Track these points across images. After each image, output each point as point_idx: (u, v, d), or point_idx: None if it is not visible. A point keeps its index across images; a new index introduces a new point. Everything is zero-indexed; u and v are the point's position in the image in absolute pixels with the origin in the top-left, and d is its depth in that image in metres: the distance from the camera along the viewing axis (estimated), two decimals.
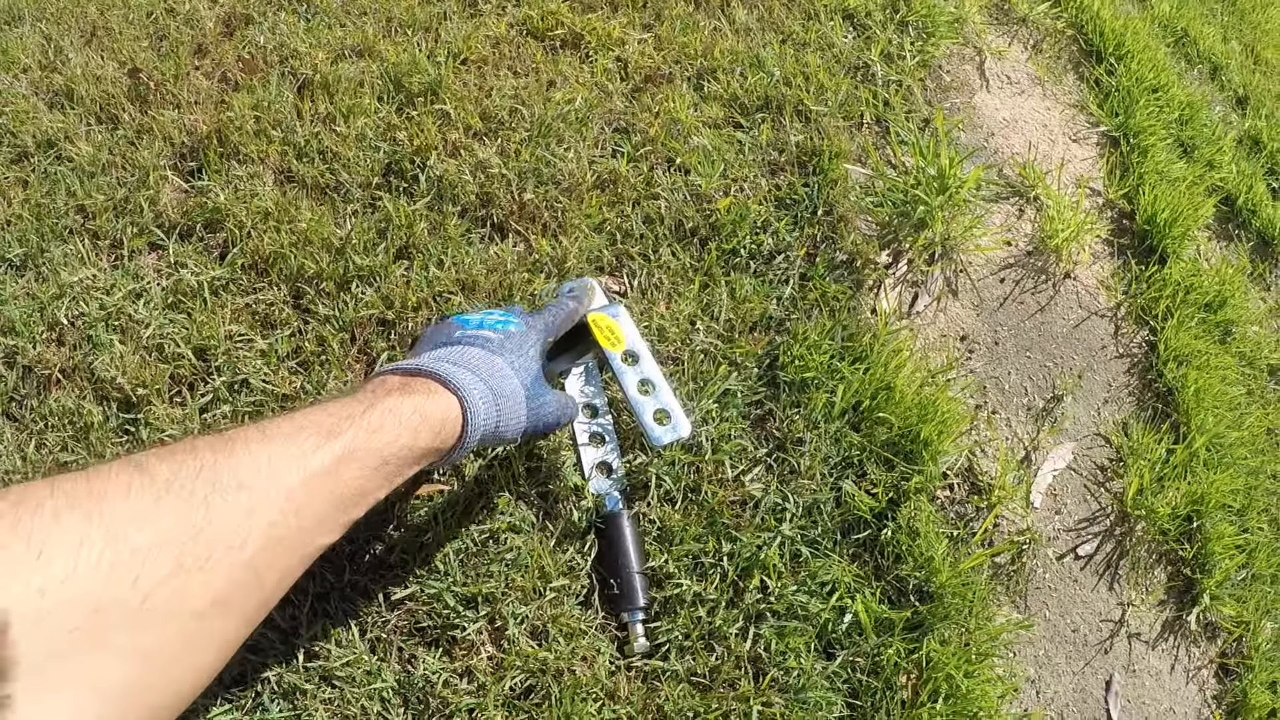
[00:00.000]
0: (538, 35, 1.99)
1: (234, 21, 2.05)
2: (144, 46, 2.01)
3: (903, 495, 1.51)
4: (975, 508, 1.59)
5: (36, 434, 1.51)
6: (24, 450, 1.49)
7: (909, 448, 1.54)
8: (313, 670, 1.29)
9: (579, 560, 1.39)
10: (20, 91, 1.98)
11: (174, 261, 1.66)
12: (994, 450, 1.64)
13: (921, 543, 1.49)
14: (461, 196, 1.70)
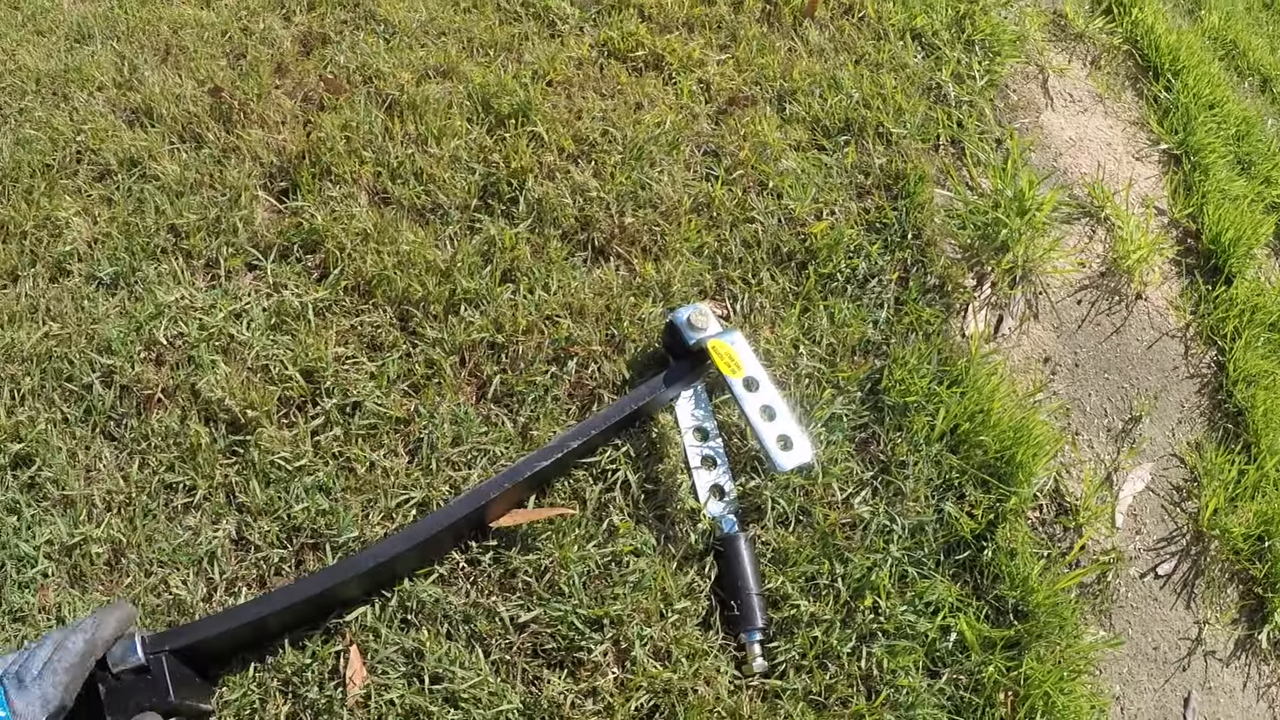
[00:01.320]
0: (619, 56, 2.02)
1: (311, 41, 2.08)
2: (222, 65, 2.03)
3: (1000, 517, 1.56)
4: (1063, 528, 1.64)
5: (139, 454, 1.54)
6: (126, 470, 1.52)
7: (1004, 470, 1.59)
8: (437, 693, 1.33)
9: (700, 582, 1.44)
10: (98, 109, 1.99)
11: (273, 282, 1.69)
12: (1078, 472, 1.70)
13: (1019, 563, 1.54)
14: (562, 219, 1.73)
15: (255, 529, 1.46)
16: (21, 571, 1.45)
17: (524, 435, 1.53)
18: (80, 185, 1.90)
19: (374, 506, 1.46)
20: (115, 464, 1.55)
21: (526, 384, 1.57)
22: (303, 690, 1.33)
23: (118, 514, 1.49)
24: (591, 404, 1.57)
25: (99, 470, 1.54)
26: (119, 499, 1.50)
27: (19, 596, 1.42)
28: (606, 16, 2.11)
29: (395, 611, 1.39)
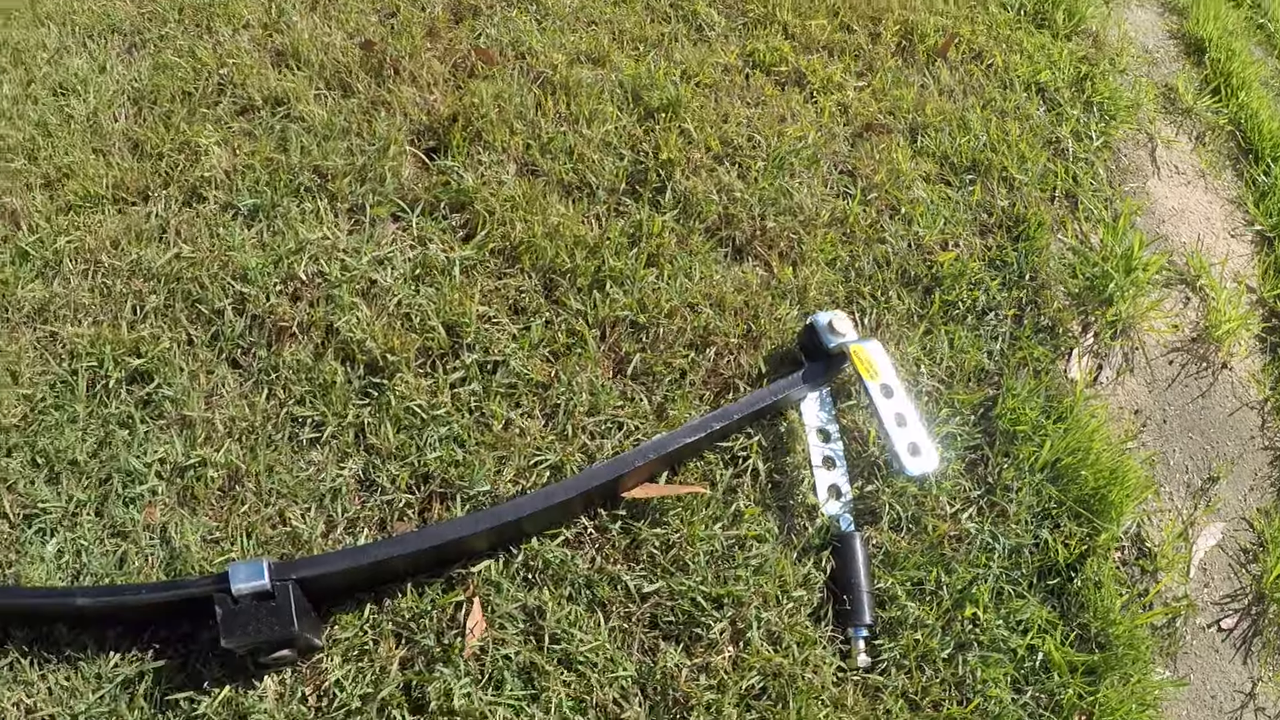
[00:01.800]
0: (764, 69, 2.10)
1: (461, 11, 2.15)
2: (373, 21, 2.10)
3: (1090, 550, 1.64)
4: (1141, 570, 1.73)
5: (266, 385, 1.59)
6: (251, 399, 1.57)
7: (1098, 507, 1.67)
8: (554, 653, 1.38)
9: (815, 574, 1.50)
10: (243, 46, 2.05)
11: (418, 235, 1.75)
12: (1159, 521, 1.78)
13: (1103, 595, 1.62)
14: (706, 214, 1.81)
15: (383, 471, 1.51)
16: (128, 486, 1.50)
17: (659, 413, 1.60)
18: (221, 116, 1.96)
19: (507, 464, 1.52)
20: (239, 391, 1.60)
21: (665, 365, 1.63)
22: (419, 636, 1.37)
23: (238, 441, 1.54)
24: (726, 392, 1.64)
25: (221, 395, 1.59)
26: (241, 426, 1.55)
27: (123, 511, 1.47)
28: (752, 29, 2.20)
29: (519, 568, 1.45)
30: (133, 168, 1.88)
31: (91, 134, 1.96)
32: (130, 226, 1.79)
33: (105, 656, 1.35)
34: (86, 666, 1.34)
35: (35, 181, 1.87)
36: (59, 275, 1.74)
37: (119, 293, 1.71)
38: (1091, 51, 2.37)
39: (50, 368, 1.61)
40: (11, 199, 1.84)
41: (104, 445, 1.54)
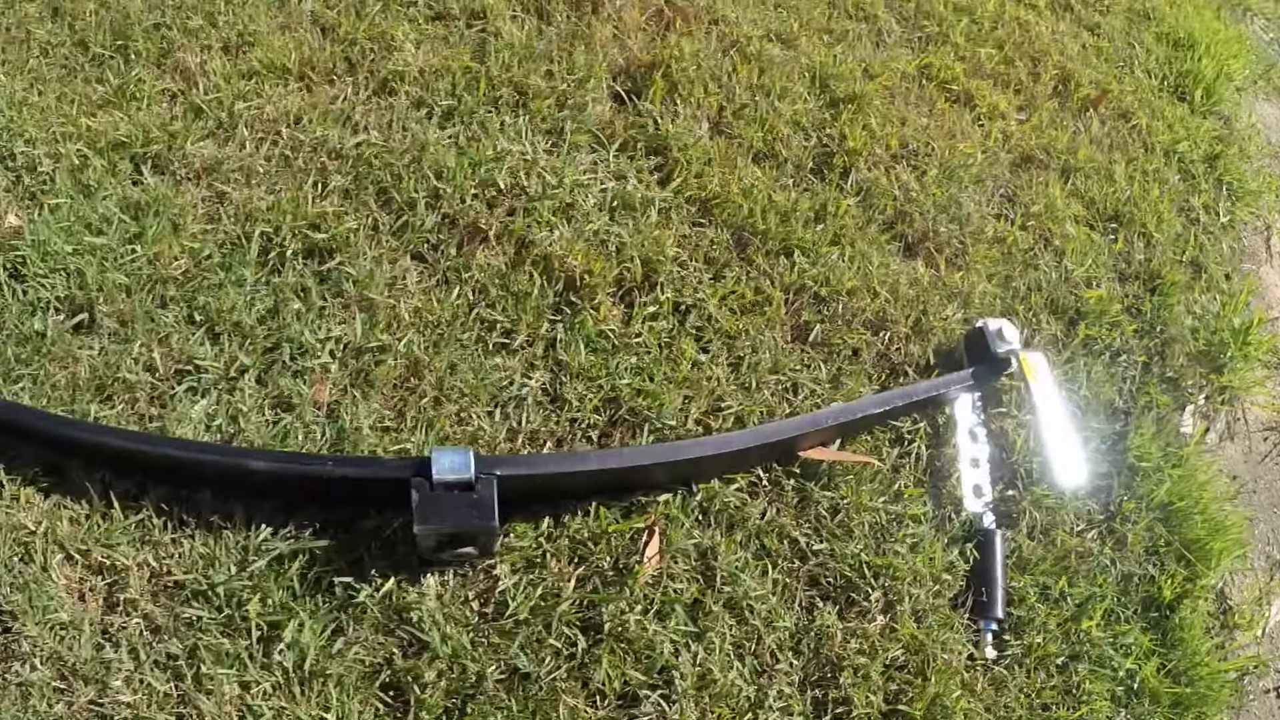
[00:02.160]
0: (938, 83, 2.18)
1: None
2: None
3: (1188, 593, 1.74)
4: (1221, 624, 1.84)
5: (456, 284, 1.62)
6: (439, 295, 1.60)
7: (1200, 554, 1.77)
8: (721, 595, 1.43)
9: (959, 563, 1.58)
10: None
11: (615, 170, 1.79)
12: (1241, 581, 1.90)
13: (1194, 636, 1.72)
14: (885, 208, 1.88)
15: (571, 389, 1.55)
16: (297, 358, 1.51)
17: (834, 382, 1.66)
18: (415, 17, 1.97)
19: (693, 404, 1.57)
20: (424, 285, 1.62)
21: (842, 339, 1.70)
22: (595, 558, 1.40)
23: (421, 333, 1.56)
24: (894, 376, 1.72)
25: (405, 286, 1.61)
26: (427, 319, 1.58)
27: (289, 383, 1.48)
28: (926, 44, 2.28)
29: (696, 507, 1.49)
30: (322, 49, 1.90)
31: (277, 9, 1.96)
32: (315, 104, 1.81)
33: (254, 529, 1.33)
34: (231, 536, 1.33)
35: (214, 44, 1.88)
36: (234, 139, 1.75)
37: (300, 166, 1.73)
38: (1224, 133, 2.50)
39: (219, 227, 1.62)
40: (187, 56, 1.84)
41: (274, 313, 1.55)
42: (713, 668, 1.36)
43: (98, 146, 1.70)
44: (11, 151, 1.69)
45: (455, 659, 1.30)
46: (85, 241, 1.57)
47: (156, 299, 1.53)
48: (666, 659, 1.35)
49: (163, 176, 1.69)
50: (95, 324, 1.51)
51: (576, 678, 1.33)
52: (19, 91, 1.77)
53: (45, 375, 1.44)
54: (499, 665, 1.31)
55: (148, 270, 1.55)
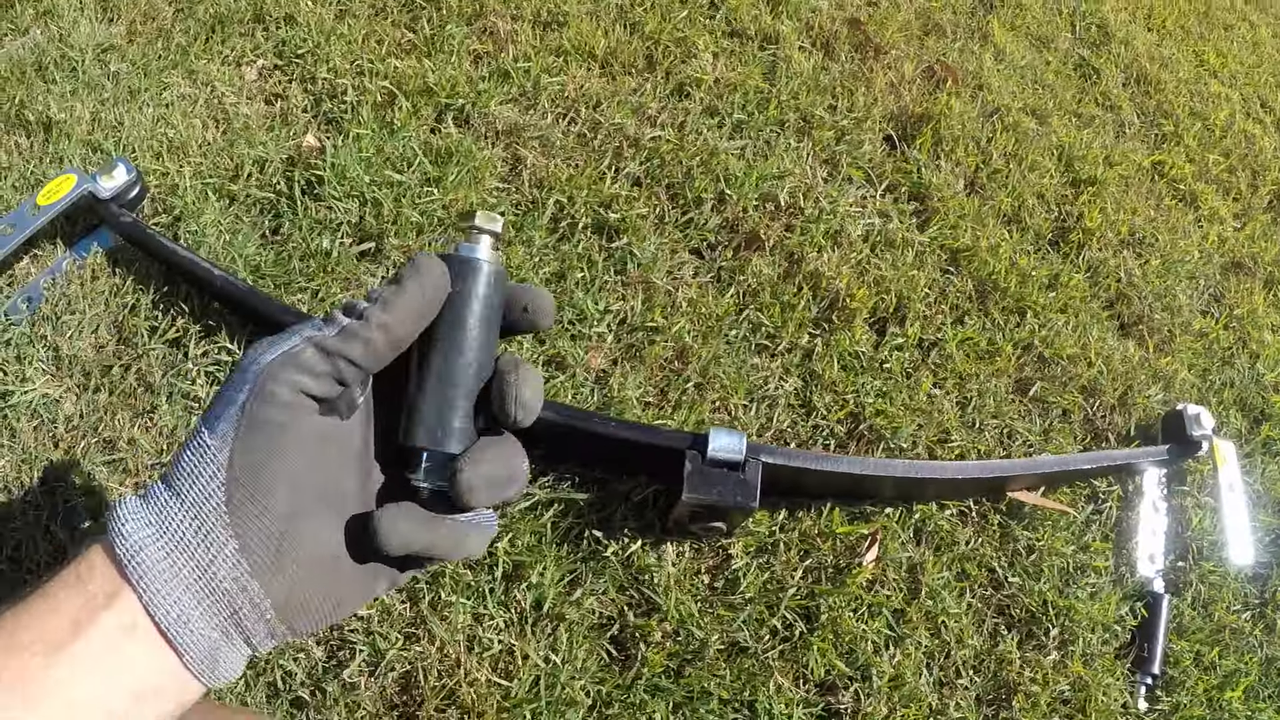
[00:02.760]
0: (1167, 180, 2.23)
1: (929, 25, 2.26)
2: (858, 3, 2.20)
3: None
4: None
5: (728, 284, 1.72)
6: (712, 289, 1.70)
7: None
8: (922, 606, 1.51)
9: (1128, 618, 1.65)
10: None
11: (879, 208, 1.87)
12: None
13: None
14: (1108, 287, 1.94)
15: (820, 398, 1.64)
16: (576, 324, 1.61)
17: (1045, 436, 1.75)
18: (714, 30, 2.07)
19: (923, 431, 1.66)
20: (699, 280, 1.72)
21: (1057, 398, 1.77)
22: (820, 554, 1.49)
23: (693, 322, 1.66)
24: (1096, 440, 1.79)
25: (682, 276, 1.71)
26: (700, 310, 1.67)
27: (565, 344, 1.57)
28: (1160, 142, 2.33)
29: (913, 525, 1.58)
30: (628, 42, 2.00)
31: None
32: (615, 93, 1.91)
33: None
34: None
35: (526, 16, 1.98)
36: (535, 108, 1.85)
37: (597, 146, 1.83)
38: None
39: (516, 187, 1.73)
40: (499, 21, 1.95)
41: (559, 277, 1.65)
42: (905, 671, 1.44)
43: (404, 89, 1.81)
44: (314, 75, 1.81)
45: (683, 624, 1.39)
46: (384, 175, 1.68)
47: (447, 243, 1.62)
48: (868, 656, 1.44)
49: (464, 129, 1.79)
50: (382, 253, 1.61)
51: (789, 659, 1.42)
52: (328, 20, 1.89)
53: (326, 292, 1.55)
54: (721, 636, 1.40)
55: (441, 214, 1.66)
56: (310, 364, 0.55)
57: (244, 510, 0.53)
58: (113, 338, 1.53)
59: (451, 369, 0.59)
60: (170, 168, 1.67)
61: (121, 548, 0.51)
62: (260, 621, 0.54)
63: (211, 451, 0.53)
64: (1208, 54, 2.70)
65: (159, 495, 0.54)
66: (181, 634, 0.52)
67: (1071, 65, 2.43)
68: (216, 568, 0.52)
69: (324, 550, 0.56)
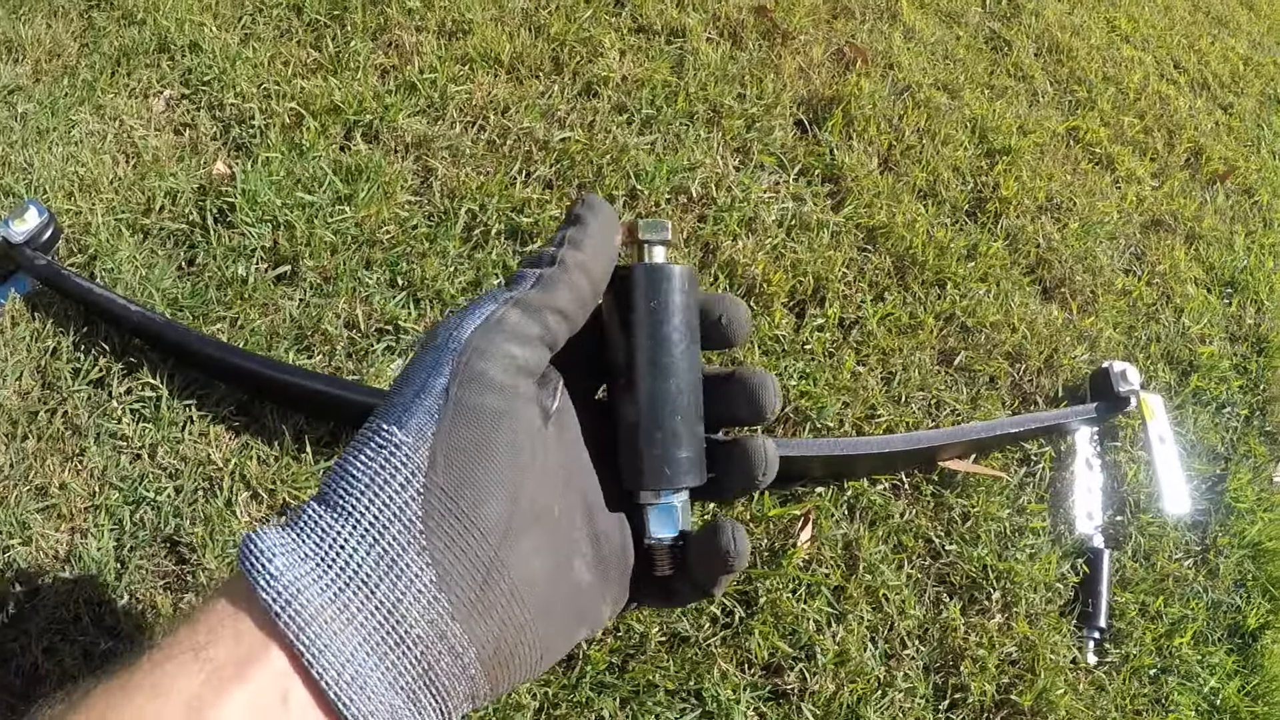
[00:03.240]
0: (1083, 145, 2.27)
1: (838, 8, 2.29)
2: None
3: (1270, 624, 1.82)
4: None
5: None
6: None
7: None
8: (860, 581, 1.52)
9: (1070, 576, 1.67)
10: None
11: (793, 191, 1.90)
12: None
13: (1274, 664, 1.79)
14: (1027, 254, 1.97)
15: None
16: None
17: (973, 404, 1.76)
18: (620, 27, 2.09)
19: (849, 409, 1.68)
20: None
21: (983, 366, 1.80)
22: (751, 539, 1.50)
23: None
24: (1025, 404, 1.81)
25: None
26: None
27: None
28: (1074, 108, 2.37)
29: (845, 502, 1.59)
30: (533, 45, 2.01)
31: (490, 1, 2.08)
32: (523, 98, 1.92)
33: None
34: None
35: (430, 26, 1.99)
36: (444, 118, 1.86)
37: (506, 152, 1.83)
38: None
39: (427, 198, 1.73)
40: (403, 34, 1.96)
41: (475, 285, 1.64)
42: (850, 647, 1.45)
43: (312, 109, 1.82)
44: (221, 102, 1.82)
45: (622, 620, 1.40)
46: (295, 197, 1.68)
47: (362, 260, 1.63)
48: (811, 635, 1.45)
49: (373, 145, 1.80)
50: (298, 276, 1.61)
51: (731, 645, 1.43)
52: (233, 45, 1.91)
53: (245, 319, 1.55)
54: (662, 628, 1.41)
55: (354, 232, 1.66)
56: (519, 328, 0.45)
57: (445, 528, 0.41)
58: (36, 383, 1.53)
59: (667, 393, 0.51)
60: (83, 206, 1.68)
61: (269, 592, 0.39)
62: (461, 679, 0.42)
63: (404, 451, 0.42)
64: (1119, 20, 2.75)
65: (316, 519, 0.41)
66: (356, 701, 0.39)
67: (983, 39, 2.47)
68: (406, 609, 0.40)
69: (537, 582, 0.44)
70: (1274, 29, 3.15)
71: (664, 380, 0.51)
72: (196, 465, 1.42)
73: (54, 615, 1.31)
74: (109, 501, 1.40)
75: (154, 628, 1.31)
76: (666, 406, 0.51)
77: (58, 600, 1.32)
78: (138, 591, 1.34)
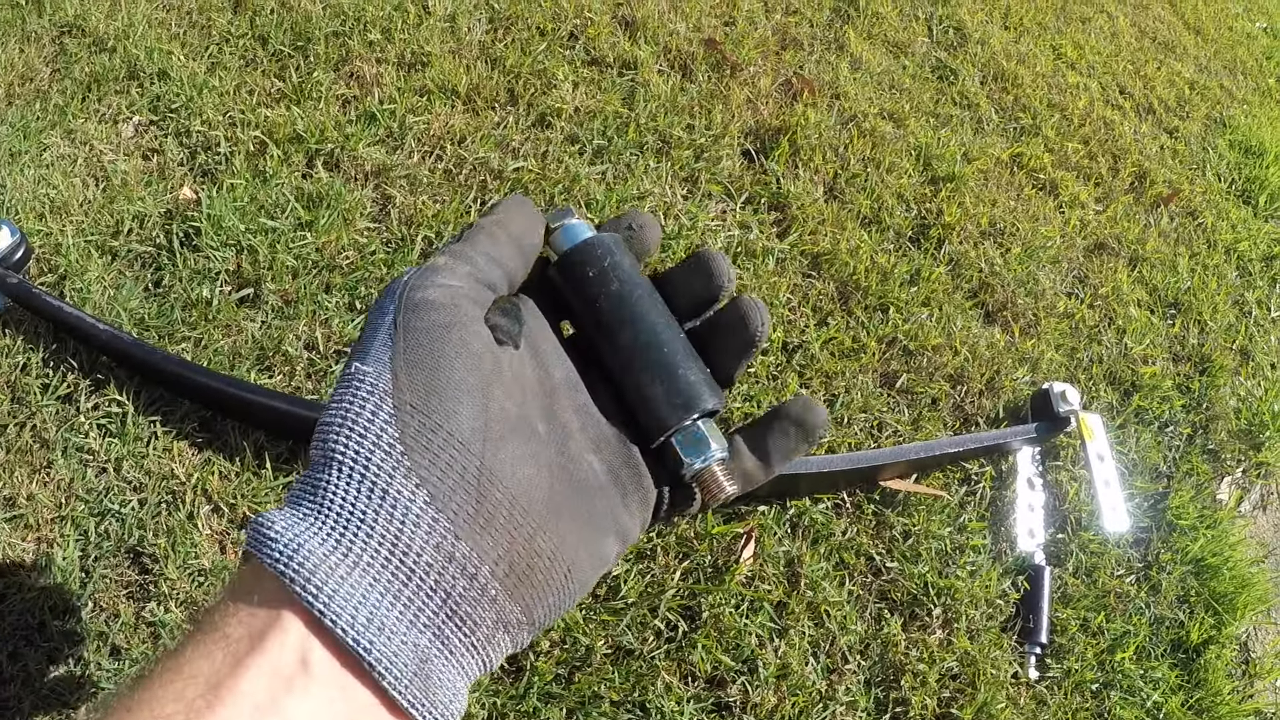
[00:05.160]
0: (1027, 171, 2.35)
1: (786, 41, 2.38)
2: (714, 24, 2.32)
3: (1214, 639, 1.88)
4: (1245, 673, 1.97)
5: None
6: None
7: (1226, 605, 1.90)
8: (802, 598, 1.57)
9: (1010, 592, 1.73)
10: (596, 7, 2.27)
11: (740, 220, 1.97)
12: (1264, 637, 2.03)
13: (1216, 678, 1.85)
14: (970, 278, 2.04)
15: None
16: None
17: (915, 425, 1.82)
18: (574, 60, 2.16)
19: None
20: None
21: (924, 388, 1.86)
22: (698, 555, 1.54)
23: None
24: (966, 424, 1.87)
25: None
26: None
27: None
28: (1019, 135, 2.45)
29: (788, 520, 1.63)
30: (489, 77, 2.08)
31: (449, 34, 2.15)
32: (479, 128, 1.98)
33: None
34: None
35: (390, 58, 2.05)
36: (402, 148, 1.92)
37: (462, 181, 1.89)
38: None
39: (386, 225, 1.78)
40: (364, 65, 2.03)
41: None
42: (792, 661, 1.49)
43: (275, 137, 1.88)
44: (188, 128, 1.89)
45: (568, 632, 1.44)
46: (259, 222, 1.73)
47: (322, 284, 1.67)
48: (753, 649, 1.49)
49: (334, 173, 1.85)
50: (260, 299, 1.66)
51: (674, 658, 1.47)
52: (200, 74, 1.98)
53: (208, 340, 1.60)
54: (607, 640, 1.45)
55: (315, 257, 1.71)
56: (450, 266, 0.47)
57: (424, 443, 0.41)
58: (6, 397, 1.58)
59: (650, 336, 0.52)
60: (53, 227, 1.74)
61: (271, 555, 0.38)
62: (483, 602, 0.40)
63: (369, 380, 0.42)
64: (1065, 47, 2.84)
65: (306, 478, 0.41)
66: (377, 645, 0.38)
67: (929, 68, 2.55)
68: (409, 537, 0.39)
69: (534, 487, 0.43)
70: (1220, 53, 3.25)
71: (640, 326, 0.52)
72: (160, 479, 1.46)
73: (20, 622, 1.35)
74: (75, 513, 1.44)
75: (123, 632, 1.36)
76: (652, 350, 0.51)
77: (24, 607, 1.36)
78: (102, 600, 1.38)
